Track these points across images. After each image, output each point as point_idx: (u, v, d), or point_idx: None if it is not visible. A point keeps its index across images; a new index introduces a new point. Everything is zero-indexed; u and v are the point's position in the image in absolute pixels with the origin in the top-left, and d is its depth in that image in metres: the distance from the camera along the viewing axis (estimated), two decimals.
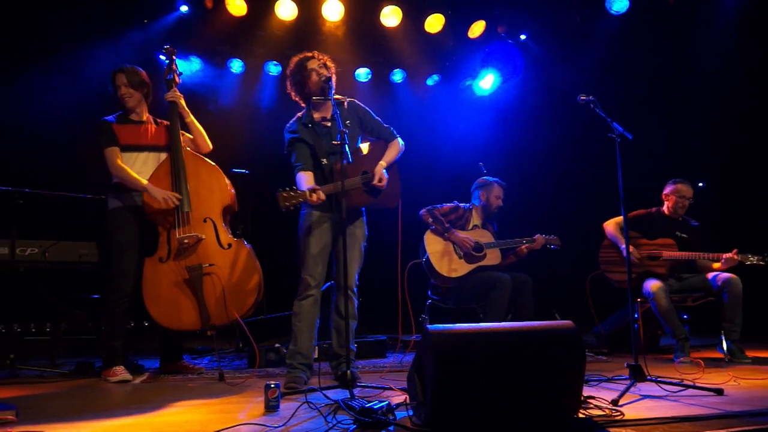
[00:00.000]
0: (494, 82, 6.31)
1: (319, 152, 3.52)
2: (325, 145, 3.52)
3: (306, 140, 3.53)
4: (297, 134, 3.55)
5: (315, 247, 3.45)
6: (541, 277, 4.61)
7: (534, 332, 2.42)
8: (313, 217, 3.49)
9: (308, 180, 3.44)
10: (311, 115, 3.59)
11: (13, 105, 4.85)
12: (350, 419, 2.44)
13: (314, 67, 3.54)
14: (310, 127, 3.57)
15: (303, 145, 3.53)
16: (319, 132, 3.56)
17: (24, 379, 3.72)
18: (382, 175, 3.49)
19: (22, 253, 4.06)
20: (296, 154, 3.53)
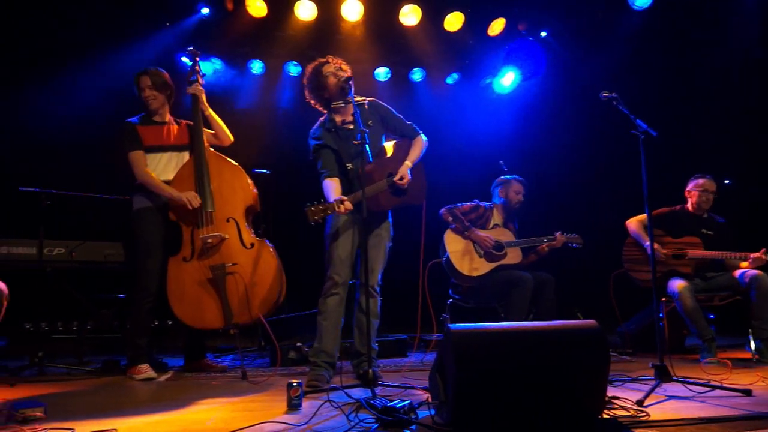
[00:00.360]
0: (514, 80, 6.26)
1: (344, 156, 3.53)
2: (349, 148, 3.52)
3: (330, 146, 3.55)
4: (321, 140, 3.57)
5: (342, 247, 3.47)
6: (564, 276, 4.57)
7: (557, 332, 2.40)
8: (341, 218, 3.50)
9: (335, 188, 3.46)
10: (333, 120, 3.60)
11: (39, 108, 4.94)
12: (372, 418, 2.44)
13: (331, 71, 3.54)
14: (333, 131, 3.58)
15: (328, 151, 3.55)
16: (343, 136, 3.56)
17: (52, 377, 3.79)
18: (405, 174, 3.49)
19: (49, 254, 4.14)
20: (321, 161, 3.55)
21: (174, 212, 3.75)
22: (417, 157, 3.63)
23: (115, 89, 4.91)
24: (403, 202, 3.59)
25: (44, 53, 5.08)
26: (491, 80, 6.39)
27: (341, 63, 3.62)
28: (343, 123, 3.60)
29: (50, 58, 5.07)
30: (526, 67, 6.09)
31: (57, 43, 5.10)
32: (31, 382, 3.60)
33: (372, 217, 3.50)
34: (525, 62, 6.07)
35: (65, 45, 5.12)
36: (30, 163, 4.79)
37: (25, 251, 4.11)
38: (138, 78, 3.88)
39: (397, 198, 3.54)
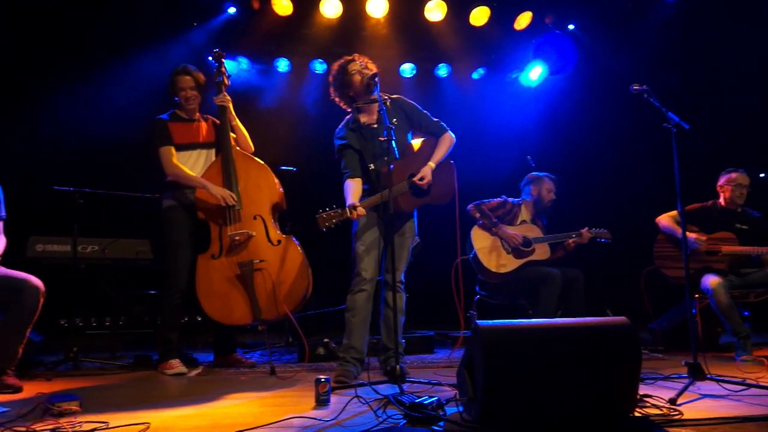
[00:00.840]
0: (541, 74, 6.19)
1: (367, 157, 3.55)
2: (372, 148, 3.54)
3: (354, 146, 3.57)
4: (345, 140, 3.59)
5: (368, 244, 3.51)
6: (593, 272, 4.51)
7: (587, 328, 2.37)
8: (366, 217, 3.53)
9: (354, 188, 3.49)
10: (358, 120, 3.62)
11: (72, 110, 5.05)
12: (400, 414, 2.44)
13: (356, 68, 3.54)
14: (357, 131, 3.60)
15: (351, 151, 3.57)
16: (366, 136, 3.58)
17: (86, 371, 3.88)
18: (426, 175, 3.48)
19: (83, 251, 4.23)
20: (345, 160, 3.58)
21: (202, 210, 3.80)
22: (441, 156, 3.61)
23: (144, 89, 5.00)
24: (426, 203, 3.59)
25: (75, 56, 5.18)
26: (518, 75, 6.32)
27: (367, 61, 3.62)
28: (367, 123, 3.61)
29: (81, 60, 5.17)
30: (555, 61, 6.00)
31: (87, 46, 5.20)
32: (66, 377, 3.69)
33: (396, 216, 3.50)
34: (554, 56, 5.98)
35: (95, 48, 5.22)
36: (64, 163, 4.89)
37: (60, 249, 4.22)
38: (179, 77, 3.92)
39: (418, 199, 3.54)
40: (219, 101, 3.94)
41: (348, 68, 3.56)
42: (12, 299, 3.24)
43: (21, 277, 3.30)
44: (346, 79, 3.56)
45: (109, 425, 2.35)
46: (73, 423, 2.36)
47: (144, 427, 2.32)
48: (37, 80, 5.04)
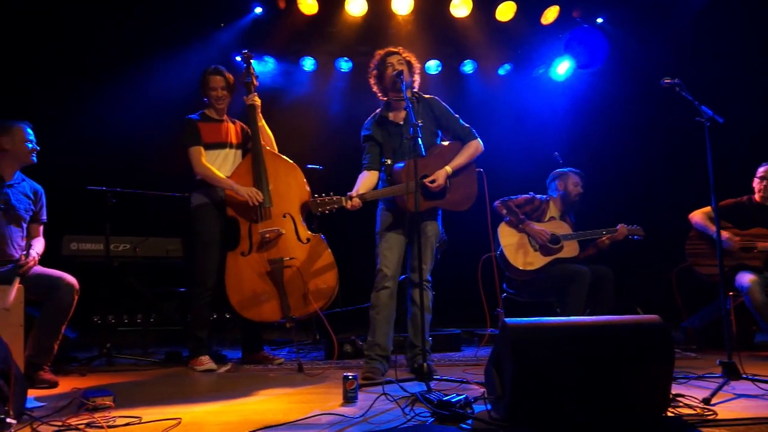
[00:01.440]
0: (569, 69, 6.10)
1: (386, 151, 3.60)
2: (392, 144, 3.59)
3: (376, 138, 3.62)
4: (370, 131, 3.65)
5: (390, 240, 3.55)
6: (622, 270, 4.44)
7: (618, 326, 2.34)
8: (388, 213, 3.59)
9: (365, 179, 3.56)
10: (386, 115, 3.66)
11: (104, 112, 5.14)
12: (428, 412, 2.44)
13: (393, 61, 3.58)
14: (382, 125, 3.64)
15: (373, 144, 3.64)
16: (390, 131, 3.62)
17: (119, 367, 3.96)
18: (438, 178, 3.48)
19: (115, 249, 4.32)
20: (365, 152, 3.66)
21: (232, 208, 3.85)
22: (462, 163, 3.59)
23: (173, 90, 5.07)
24: (439, 206, 3.61)
25: (106, 57, 5.28)
26: (545, 70, 6.24)
27: (410, 57, 3.64)
28: (393, 119, 3.65)
29: (112, 62, 5.27)
30: (585, 55, 5.90)
31: (117, 47, 5.29)
32: (100, 372, 3.77)
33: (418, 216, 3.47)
34: (584, 51, 5.88)
35: (125, 49, 5.31)
36: (97, 163, 4.99)
37: (93, 247, 4.31)
38: (211, 77, 3.97)
39: (428, 201, 3.53)
40: (249, 101, 3.98)
41: (387, 60, 3.60)
42: (48, 297, 3.33)
43: (56, 275, 3.39)
44: (381, 69, 3.61)
45: (141, 420, 2.40)
46: (107, 418, 2.42)
47: (175, 423, 2.36)
48: (70, 82, 5.15)
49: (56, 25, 5.03)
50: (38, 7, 4.91)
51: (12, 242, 3.44)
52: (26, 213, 3.53)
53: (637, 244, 4.49)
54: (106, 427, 2.29)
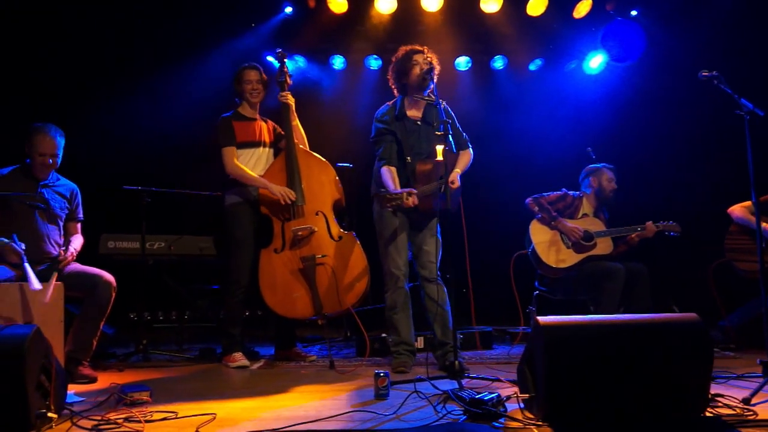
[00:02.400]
0: (602, 63, 5.99)
1: (406, 150, 3.60)
2: (412, 142, 3.61)
3: (396, 134, 3.62)
4: (388, 126, 3.64)
5: (398, 242, 3.62)
6: (658, 267, 4.35)
7: (655, 325, 2.30)
8: (389, 216, 3.62)
9: (394, 177, 3.57)
10: (404, 110, 3.65)
11: (139, 113, 5.25)
12: (460, 410, 2.43)
13: (420, 60, 3.59)
14: (401, 121, 3.64)
15: (392, 139, 3.64)
16: (409, 128, 3.64)
17: (155, 363, 4.04)
18: (456, 179, 3.54)
19: (150, 247, 4.40)
20: (384, 147, 3.64)
21: (265, 206, 3.89)
22: (465, 166, 3.70)
23: (206, 90, 5.14)
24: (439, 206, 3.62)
25: (140, 60, 5.38)
26: (577, 64, 6.14)
27: (433, 58, 3.64)
28: (412, 116, 3.67)
29: (146, 65, 5.37)
30: (621, 49, 5.77)
31: (151, 50, 5.39)
32: (137, 368, 3.85)
33: (422, 215, 3.59)
34: (621, 45, 5.76)
35: (159, 51, 5.40)
36: (132, 163, 5.09)
37: (129, 245, 4.40)
38: (246, 71, 4.02)
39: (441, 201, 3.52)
40: (283, 99, 4.00)
41: (413, 57, 3.61)
42: (87, 294, 3.42)
43: (95, 272, 3.47)
44: (407, 66, 3.62)
45: (177, 415, 2.45)
46: (144, 412, 2.46)
47: (210, 418, 2.40)
48: (107, 84, 5.26)
49: (93, 28, 5.14)
50: (75, 9, 5.03)
51: (49, 240, 3.54)
52: (62, 211, 3.63)
53: (672, 240, 4.39)
54: (143, 422, 2.33)
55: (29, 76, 4.99)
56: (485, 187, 5.43)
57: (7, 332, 2.21)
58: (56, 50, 5.09)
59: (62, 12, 5.00)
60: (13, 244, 3.25)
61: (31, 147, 3.48)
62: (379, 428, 2.27)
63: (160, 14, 5.25)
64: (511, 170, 5.79)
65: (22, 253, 3.24)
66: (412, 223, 3.66)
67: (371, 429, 2.26)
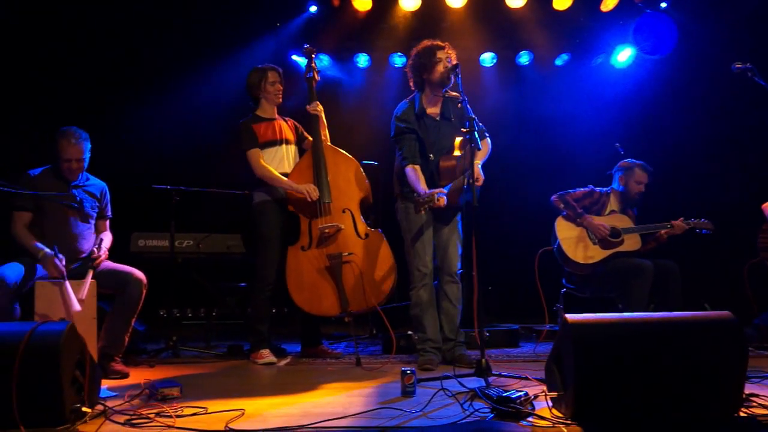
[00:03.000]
0: (630, 56, 5.89)
1: (428, 147, 3.61)
2: (433, 139, 3.61)
3: (418, 133, 3.63)
4: (410, 125, 3.64)
5: (424, 239, 3.63)
6: (689, 264, 4.26)
7: (687, 323, 2.26)
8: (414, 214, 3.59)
9: (420, 177, 3.57)
10: (423, 107, 3.66)
11: (167, 113, 5.33)
12: (487, 408, 2.42)
13: (443, 57, 3.58)
14: (421, 119, 3.65)
15: (413, 138, 3.64)
16: (430, 125, 3.65)
17: (185, 359, 4.09)
18: (479, 173, 3.51)
19: (179, 245, 4.47)
20: (406, 147, 3.64)
21: (292, 204, 3.92)
22: (485, 156, 3.68)
23: (232, 90, 5.19)
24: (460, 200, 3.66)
25: (168, 61, 5.46)
26: (604, 58, 6.04)
27: (453, 55, 3.64)
28: (431, 113, 3.68)
29: (174, 65, 5.45)
30: (652, 43, 5.66)
31: (179, 52, 5.46)
32: (167, 364, 3.91)
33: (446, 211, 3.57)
34: (652, 38, 5.64)
35: (185, 52, 5.48)
36: (161, 162, 5.17)
37: (159, 243, 4.48)
38: (268, 72, 4.04)
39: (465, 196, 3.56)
40: (313, 110, 4.01)
41: (436, 53, 3.59)
42: (119, 291, 3.48)
43: (126, 270, 3.54)
44: (430, 62, 3.59)
45: (207, 410, 2.48)
46: (175, 408, 2.51)
47: (239, 414, 2.43)
48: (135, 85, 5.35)
49: (124, 29, 5.23)
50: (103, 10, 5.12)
51: (82, 239, 3.61)
52: (92, 210, 3.70)
53: (705, 237, 4.30)
54: (174, 417, 2.37)
55: (61, 78, 5.10)
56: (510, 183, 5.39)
57: (43, 329, 2.27)
58: (88, 52, 5.19)
59: (90, 13, 5.09)
60: (56, 261, 3.28)
61: (57, 152, 3.53)
62: (406, 425, 2.28)
63: (185, 15, 5.32)
64: (537, 167, 5.74)
65: (64, 272, 3.28)
66: (437, 218, 3.67)
67: (398, 426, 2.26)
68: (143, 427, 2.28)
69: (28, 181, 3.51)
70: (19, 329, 2.26)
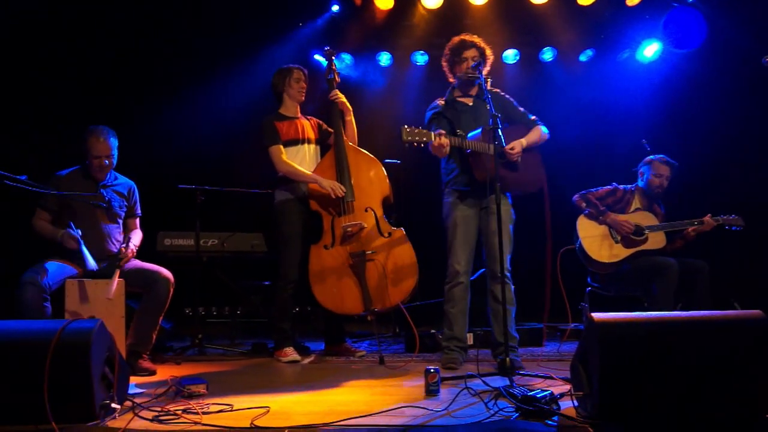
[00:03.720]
0: (657, 51, 5.78)
1: (457, 127, 3.56)
2: (463, 121, 3.58)
3: (446, 115, 3.63)
4: (439, 109, 3.67)
5: (461, 234, 3.55)
6: (719, 262, 4.18)
7: (716, 322, 2.22)
8: (459, 205, 3.57)
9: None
10: (454, 95, 3.69)
11: (191, 114, 5.39)
12: (512, 407, 2.41)
13: (470, 56, 3.59)
14: (450, 104, 3.67)
15: (443, 119, 3.64)
16: (460, 109, 3.64)
17: (210, 357, 4.15)
18: (516, 146, 3.46)
19: (204, 244, 4.53)
20: (434, 125, 3.62)
21: (315, 201, 3.94)
22: (534, 140, 3.63)
23: (255, 90, 5.24)
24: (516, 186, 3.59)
25: (192, 63, 5.52)
26: (630, 54, 5.95)
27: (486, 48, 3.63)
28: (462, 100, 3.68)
29: (197, 67, 5.51)
30: (681, 37, 5.55)
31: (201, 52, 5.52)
32: (193, 361, 3.97)
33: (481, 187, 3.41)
34: (680, 32, 5.54)
35: (209, 54, 5.54)
36: (186, 162, 5.24)
37: (185, 242, 4.54)
38: (293, 71, 4.08)
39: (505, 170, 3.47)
40: (334, 97, 4.05)
41: (462, 53, 3.61)
42: (147, 290, 3.54)
43: (154, 269, 3.60)
44: (456, 60, 3.63)
45: (233, 408, 2.51)
46: (201, 405, 2.54)
47: (264, 411, 2.45)
48: (162, 86, 5.42)
49: (148, 31, 5.31)
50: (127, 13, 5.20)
51: (111, 238, 3.68)
52: (121, 210, 3.77)
53: (735, 234, 4.22)
54: (201, 414, 2.40)
55: (89, 79, 5.19)
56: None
57: (73, 326, 2.31)
58: (115, 53, 5.27)
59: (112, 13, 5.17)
60: (70, 231, 3.41)
61: (87, 149, 3.62)
62: (430, 424, 2.27)
63: (212, 15, 5.38)
64: (561, 164, 5.67)
65: (79, 237, 3.40)
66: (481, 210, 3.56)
67: (423, 425, 2.26)
68: (171, 423, 2.31)
69: (56, 182, 3.59)
70: (51, 327, 2.30)
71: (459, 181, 3.60)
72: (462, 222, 3.56)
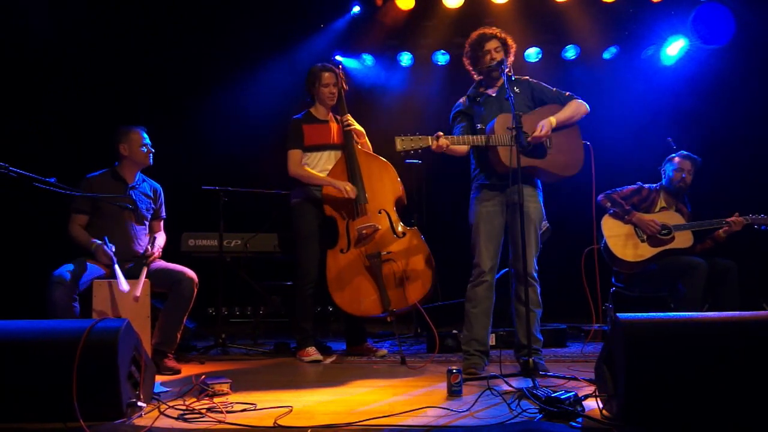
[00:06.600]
0: (682, 48, 5.69)
1: (477, 120, 3.48)
2: (485, 112, 3.46)
3: (468, 113, 3.55)
4: (462, 107, 3.59)
5: (486, 232, 3.41)
6: (749, 262, 4.10)
7: (745, 323, 2.17)
8: (483, 201, 3.46)
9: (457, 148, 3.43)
10: (477, 90, 3.60)
11: (214, 116, 5.46)
12: (535, 408, 2.39)
13: (491, 48, 3.48)
14: (471, 98, 3.58)
15: (464, 118, 3.56)
16: (484, 102, 3.52)
17: (233, 356, 4.19)
18: (544, 124, 3.27)
19: (228, 245, 4.57)
20: (456, 124, 3.57)
21: (329, 205, 3.95)
22: (566, 117, 3.37)
23: (278, 92, 5.28)
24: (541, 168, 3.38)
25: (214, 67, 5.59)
26: (654, 51, 5.86)
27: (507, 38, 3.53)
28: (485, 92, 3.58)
29: (220, 71, 5.57)
30: (709, 34, 5.45)
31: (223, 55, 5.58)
32: (216, 360, 4.01)
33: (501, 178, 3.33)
34: (708, 28, 5.44)
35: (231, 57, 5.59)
36: (210, 164, 5.30)
37: (208, 243, 4.58)
38: (324, 73, 4.05)
39: (529, 159, 3.28)
40: (345, 123, 4.02)
41: (484, 45, 3.49)
42: (171, 290, 3.59)
43: (178, 269, 3.64)
44: (479, 53, 3.50)
45: (256, 407, 2.53)
46: (225, 403, 2.57)
47: (287, 410, 2.46)
48: (185, 89, 5.49)
49: (171, 35, 5.38)
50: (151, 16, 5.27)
51: (137, 240, 3.74)
52: (147, 212, 3.83)
53: (764, 234, 4.12)
54: (224, 413, 2.42)
55: (115, 82, 5.27)
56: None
57: (101, 326, 2.35)
58: (140, 55, 5.35)
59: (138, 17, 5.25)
60: (105, 247, 3.47)
61: (129, 143, 3.71)
62: (453, 425, 2.27)
63: (234, 18, 5.43)
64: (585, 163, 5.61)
65: (113, 255, 3.45)
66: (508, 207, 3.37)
67: (446, 425, 2.26)
68: (195, 422, 2.34)
69: (87, 184, 3.67)
70: (79, 326, 2.34)
71: (480, 176, 3.52)
72: (486, 218, 3.42)
